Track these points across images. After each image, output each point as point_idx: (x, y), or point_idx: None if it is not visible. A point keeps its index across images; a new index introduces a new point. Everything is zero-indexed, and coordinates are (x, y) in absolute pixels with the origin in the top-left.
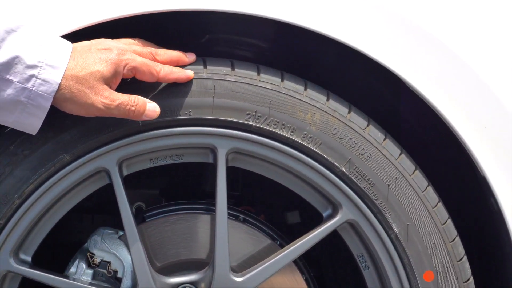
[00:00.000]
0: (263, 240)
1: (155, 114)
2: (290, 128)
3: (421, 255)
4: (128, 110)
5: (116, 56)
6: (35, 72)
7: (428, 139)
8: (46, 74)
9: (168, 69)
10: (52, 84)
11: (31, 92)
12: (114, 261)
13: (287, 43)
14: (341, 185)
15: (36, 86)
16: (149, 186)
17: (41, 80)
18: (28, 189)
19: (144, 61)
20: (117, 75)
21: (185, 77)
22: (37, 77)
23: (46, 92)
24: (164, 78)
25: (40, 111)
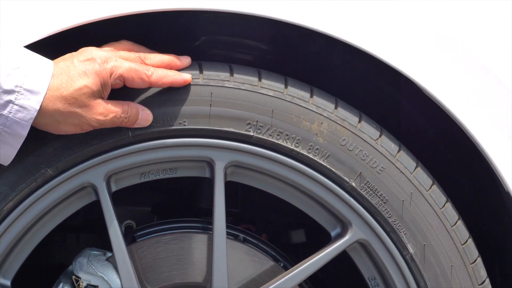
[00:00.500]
0: (265, 261)
1: (147, 123)
2: (294, 139)
3: (439, 278)
4: (121, 121)
5: (100, 66)
6: (12, 98)
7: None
8: (24, 100)
9: (162, 73)
10: (30, 111)
11: (7, 119)
12: (101, 285)
13: (291, 46)
14: (351, 202)
15: (13, 113)
16: (140, 202)
17: (19, 107)
18: (7, 207)
19: (132, 66)
20: (106, 85)
21: (181, 81)
22: (14, 103)
23: (23, 120)
24: (157, 83)
25: (15, 140)
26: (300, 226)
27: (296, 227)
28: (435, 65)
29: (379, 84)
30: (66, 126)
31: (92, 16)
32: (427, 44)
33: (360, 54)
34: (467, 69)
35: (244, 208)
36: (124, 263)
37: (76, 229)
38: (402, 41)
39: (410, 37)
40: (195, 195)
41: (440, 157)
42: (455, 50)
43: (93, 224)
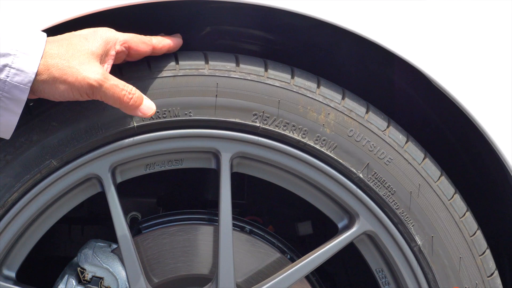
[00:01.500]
0: (272, 253)
1: (150, 111)
2: (301, 130)
3: (447, 270)
4: (123, 96)
5: (104, 33)
6: (8, 61)
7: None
8: (20, 62)
9: (159, 38)
10: (28, 74)
11: (5, 84)
12: (107, 277)
13: (298, 36)
14: (358, 193)
15: (11, 77)
16: (145, 194)
17: (16, 70)
18: (11, 198)
19: (132, 34)
20: (109, 52)
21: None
22: (11, 67)
23: (21, 83)
24: (157, 46)
25: (16, 105)
26: (307, 218)
27: (303, 219)
28: (445, 56)
29: (387, 75)
30: (63, 84)
31: (96, 6)
32: (435, 34)
33: (368, 44)
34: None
35: (250, 200)
36: (129, 254)
37: (81, 220)
38: (412, 32)
39: (419, 28)
40: (201, 186)
41: (448, 148)
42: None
43: (98, 215)
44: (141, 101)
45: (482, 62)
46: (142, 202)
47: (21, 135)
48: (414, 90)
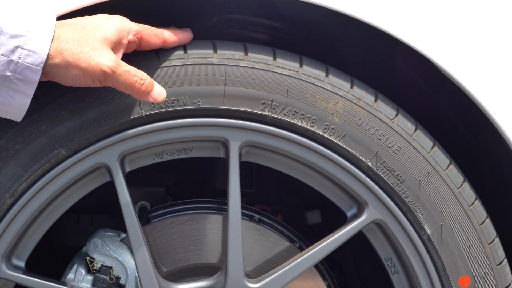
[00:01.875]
0: (281, 242)
1: (161, 97)
2: (310, 119)
3: (456, 259)
4: (135, 82)
5: (118, 21)
6: (20, 42)
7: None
8: (32, 43)
9: (171, 31)
10: (40, 54)
11: (18, 65)
12: (116, 266)
13: (307, 24)
14: (367, 182)
15: (23, 58)
16: (154, 183)
17: (28, 51)
18: (20, 188)
19: (145, 26)
20: (122, 41)
21: (188, 37)
22: (22, 48)
23: (34, 64)
24: (169, 40)
25: (28, 87)
26: (316, 207)
27: (312, 208)
28: (453, 44)
29: (395, 64)
30: (75, 69)
31: None
32: (443, 22)
33: (377, 33)
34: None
35: (259, 189)
36: (138, 244)
37: (90, 210)
38: (420, 20)
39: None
40: (210, 175)
41: (457, 136)
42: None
43: (106, 205)
44: (152, 86)
45: (491, 50)
46: (151, 191)
47: (30, 124)
48: (423, 79)
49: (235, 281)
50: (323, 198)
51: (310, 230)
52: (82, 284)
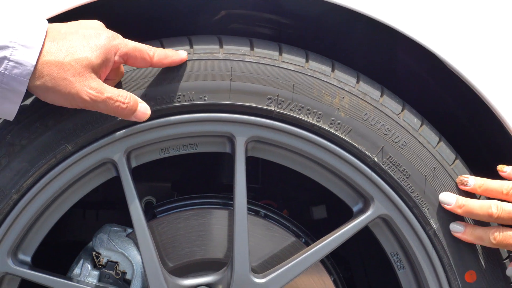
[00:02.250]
0: (287, 237)
1: (145, 116)
2: (316, 114)
3: (462, 254)
4: (117, 107)
5: (106, 40)
6: (7, 54)
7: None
8: (19, 55)
9: (162, 53)
10: (26, 67)
11: (4, 76)
12: (122, 261)
13: (312, 19)
14: (373, 177)
15: (9, 69)
16: (160, 178)
17: (14, 63)
18: (26, 183)
19: (137, 45)
20: (107, 63)
21: (179, 60)
22: (9, 59)
23: (20, 76)
24: (158, 63)
25: (15, 96)
26: (321, 202)
27: (317, 203)
28: (458, 38)
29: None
30: (55, 94)
31: None
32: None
33: (383, 29)
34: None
35: (265, 184)
36: (144, 239)
37: (96, 205)
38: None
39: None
40: (216, 170)
41: (463, 131)
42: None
43: (112, 200)
44: (135, 107)
45: (496, 44)
46: (157, 186)
47: (36, 120)
48: (428, 74)
49: (241, 276)
50: (329, 193)
51: (315, 225)
52: (88, 279)
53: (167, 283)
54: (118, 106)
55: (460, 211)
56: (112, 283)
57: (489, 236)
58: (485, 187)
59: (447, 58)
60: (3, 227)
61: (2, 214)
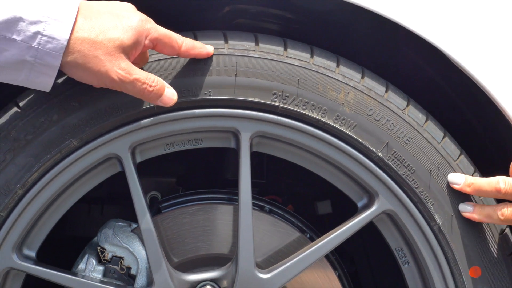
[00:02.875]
0: (291, 232)
1: (171, 101)
2: (321, 109)
3: (467, 249)
4: (144, 89)
5: (139, 23)
6: (39, 29)
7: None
8: (52, 29)
9: (190, 43)
10: (60, 41)
11: (38, 51)
12: (127, 256)
13: (317, 14)
14: (378, 172)
15: (43, 44)
16: (165, 174)
17: (47, 37)
18: (31, 178)
19: (167, 32)
20: (138, 45)
21: (205, 53)
22: (42, 34)
23: (54, 50)
24: (185, 53)
25: (50, 70)
26: (326, 197)
27: (322, 198)
28: (463, 34)
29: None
30: (84, 71)
31: None
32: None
33: (386, 23)
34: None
35: (270, 179)
36: (149, 234)
37: (101, 200)
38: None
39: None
40: (220, 166)
41: (468, 127)
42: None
43: (117, 195)
44: (162, 91)
45: (500, 39)
46: (161, 181)
47: (41, 114)
48: (433, 69)
49: (245, 272)
50: (334, 188)
51: (320, 221)
52: (93, 274)
53: (172, 278)
54: (145, 89)
55: (469, 189)
56: (117, 278)
57: (497, 213)
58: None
59: (452, 54)
60: (8, 222)
61: (7, 209)
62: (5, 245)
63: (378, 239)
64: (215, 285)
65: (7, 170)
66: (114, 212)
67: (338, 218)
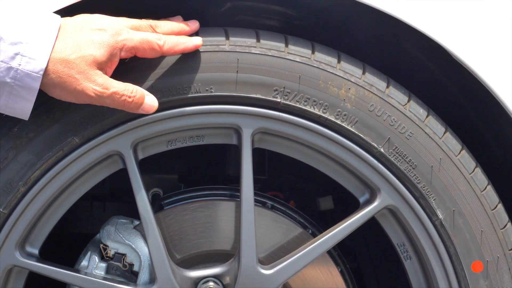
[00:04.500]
0: (294, 228)
1: (152, 108)
2: (322, 105)
3: (468, 244)
4: (123, 101)
5: (111, 37)
6: (20, 50)
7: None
8: (32, 50)
9: (173, 40)
10: (39, 62)
11: (17, 72)
12: (129, 253)
13: (319, 10)
14: (380, 168)
15: (23, 65)
16: (167, 170)
17: (28, 58)
18: (33, 176)
19: (144, 37)
20: (113, 58)
21: (192, 47)
22: (22, 55)
23: (33, 71)
24: (169, 51)
25: (29, 94)
26: (328, 193)
27: (324, 194)
28: (464, 29)
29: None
30: (62, 91)
31: None
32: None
33: (387, 19)
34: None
35: (271, 175)
36: (152, 231)
37: (103, 197)
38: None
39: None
40: (222, 162)
41: (469, 122)
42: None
43: (119, 192)
44: (141, 100)
45: (501, 35)
46: (163, 178)
47: (43, 112)
48: (434, 64)
49: (248, 268)
50: (335, 184)
51: (322, 216)
52: (95, 271)
53: (174, 274)
54: (124, 100)
55: None
56: (119, 275)
57: None
58: None
59: (453, 49)
60: (10, 219)
61: (9, 206)
62: (7, 242)
63: (380, 235)
64: (217, 281)
65: (9, 168)
66: (117, 209)
67: (340, 214)
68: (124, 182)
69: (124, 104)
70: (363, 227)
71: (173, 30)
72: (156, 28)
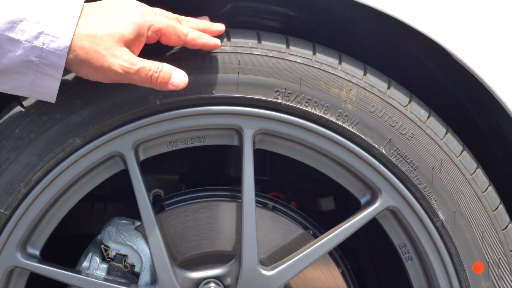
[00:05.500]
0: (295, 229)
1: (182, 83)
2: (323, 106)
3: (470, 245)
4: (150, 76)
5: (139, 16)
6: (43, 28)
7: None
8: (55, 28)
9: (196, 33)
10: (63, 40)
11: (42, 51)
12: (131, 254)
13: (319, 11)
14: (381, 169)
15: (47, 43)
16: (168, 171)
17: (51, 36)
18: (35, 177)
19: (170, 22)
20: (140, 38)
21: (212, 45)
22: (46, 33)
23: (58, 49)
24: (191, 43)
25: (55, 71)
26: (329, 194)
27: (325, 195)
28: (464, 30)
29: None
30: (87, 67)
31: None
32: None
33: (388, 19)
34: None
35: (273, 176)
36: (153, 232)
37: (104, 198)
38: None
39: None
40: (223, 163)
41: (470, 123)
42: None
43: (120, 193)
44: (169, 76)
45: (501, 35)
46: (165, 179)
47: (45, 113)
48: (435, 65)
49: (249, 269)
50: (337, 185)
51: (323, 217)
52: (97, 272)
53: (175, 276)
54: (151, 76)
55: None
56: (121, 276)
57: None
58: None
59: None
60: (12, 220)
61: (11, 208)
62: (9, 243)
63: (381, 236)
64: (218, 282)
65: (10, 169)
66: (118, 210)
67: (341, 214)
68: (125, 183)
69: (151, 80)
70: (364, 227)
71: (198, 27)
72: (181, 21)
